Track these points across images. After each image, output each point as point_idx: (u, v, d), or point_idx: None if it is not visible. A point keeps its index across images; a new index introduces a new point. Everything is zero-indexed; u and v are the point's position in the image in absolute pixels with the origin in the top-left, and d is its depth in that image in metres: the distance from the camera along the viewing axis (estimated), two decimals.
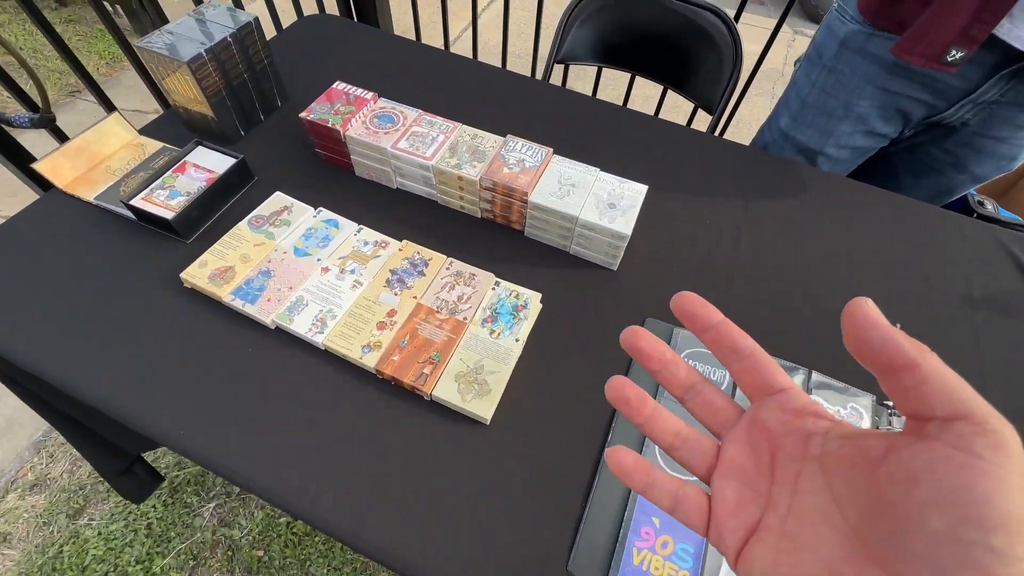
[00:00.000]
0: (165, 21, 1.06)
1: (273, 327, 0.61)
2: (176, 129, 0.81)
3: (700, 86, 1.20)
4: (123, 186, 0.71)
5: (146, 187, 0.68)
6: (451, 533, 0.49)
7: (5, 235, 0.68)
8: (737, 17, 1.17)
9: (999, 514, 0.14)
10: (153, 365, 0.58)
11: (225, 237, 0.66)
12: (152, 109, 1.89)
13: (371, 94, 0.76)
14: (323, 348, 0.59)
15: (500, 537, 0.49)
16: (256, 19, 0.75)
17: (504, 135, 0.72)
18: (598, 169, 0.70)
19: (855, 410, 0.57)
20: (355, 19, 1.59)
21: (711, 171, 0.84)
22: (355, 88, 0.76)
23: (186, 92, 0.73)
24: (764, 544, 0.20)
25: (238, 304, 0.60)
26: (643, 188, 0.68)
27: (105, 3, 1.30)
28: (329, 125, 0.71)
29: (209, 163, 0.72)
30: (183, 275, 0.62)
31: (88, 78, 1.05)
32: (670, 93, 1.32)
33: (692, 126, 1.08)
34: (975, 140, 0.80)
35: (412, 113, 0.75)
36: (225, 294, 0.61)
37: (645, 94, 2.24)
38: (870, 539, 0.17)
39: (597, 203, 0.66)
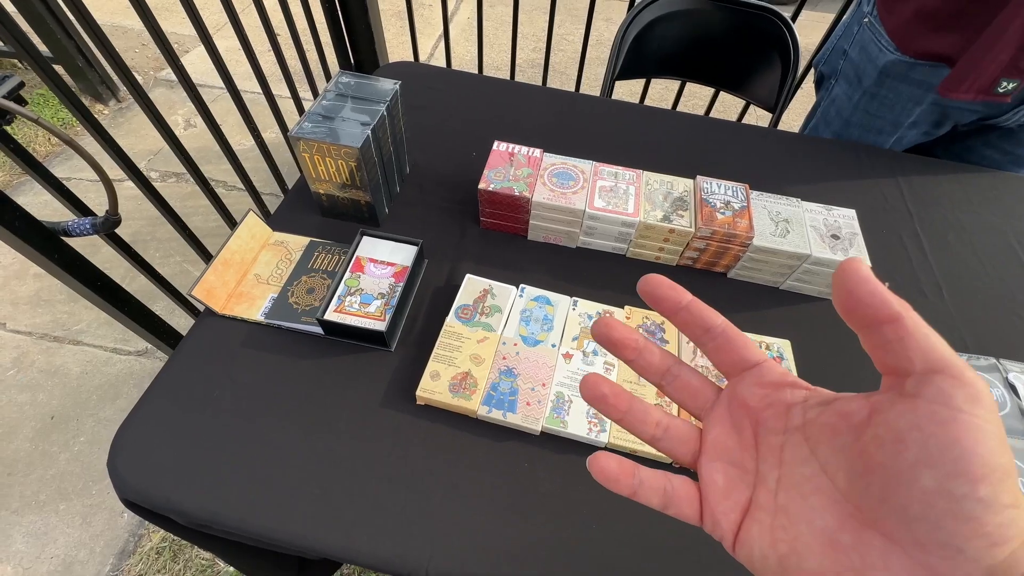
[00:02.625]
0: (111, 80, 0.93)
1: (539, 433, 0.54)
2: (302, 215, 0.71)
3: (758, 86, 1.21)
4: (291, 297, 0.61)
5: (331, 297, 0.59)
6: None
7: (168, 379, 0.56)
8: (794, 18, 1.19)
9: (982, 464, 0.15)
10: (398, 505, 0.50)
11: (442, 338, 0.58)
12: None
13: (538, 151, 0.70)
14: (607, 448, 0.53)
15: None
16: (400, 84, 0.67)
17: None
18: (798, 199, 0.68)
19: None
20: (349, 49, 1.50)
21: (840, 174, 0.84)
22: (519, 147, 0.70)
23: (339, 177, 0.64)
24: (760, 523, 0.20)
25: (496, 416, 0.53)
26: (852, 212, 0.66)
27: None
28: (516, 194, 0.64)
29: (382, 254, 0.64)
30: (419, 393, 0.54)
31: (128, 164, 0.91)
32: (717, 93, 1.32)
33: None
34: None
35: (586, 166, 0.69)
36: (477, 407, 0.54)
37: (689, 92, 2.25)
38: (862, 503, 0.18)
39: (820, 236, 0.64)
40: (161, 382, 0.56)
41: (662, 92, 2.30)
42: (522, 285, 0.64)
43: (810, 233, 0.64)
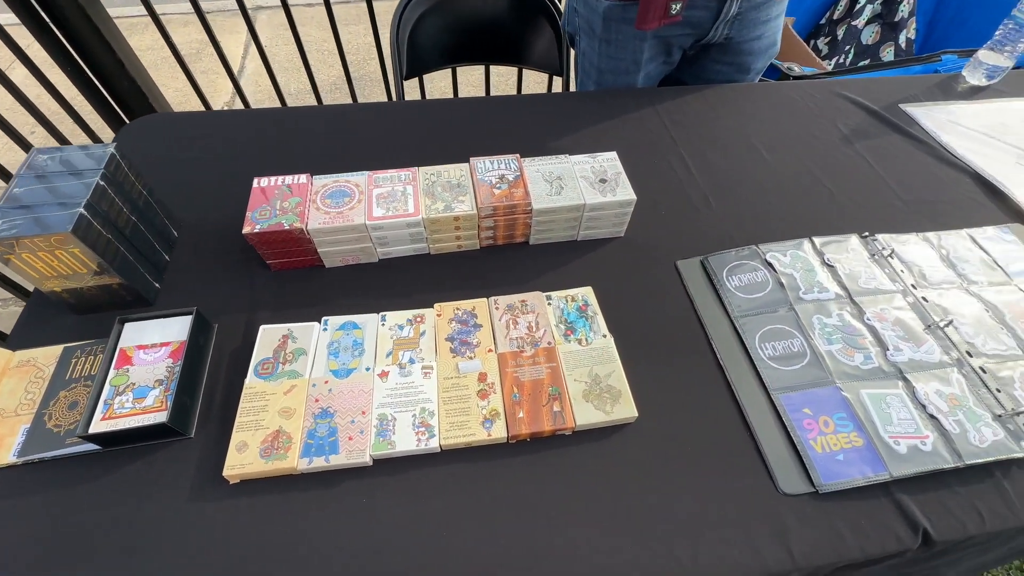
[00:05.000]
0: None
1: (371, 462, 0.52)
2: (50, 320, 0.61)
3: (542, 55, 1.28)
4: (49, 421, 0.52)
5: (95, 405, 0.51)
6: (696, 520, 0.49)
7: None
8: None
9: None
10: None
11: (243, 403, 0.53)
12: None
13: (303, 176, 0.66)
14: (440, 450, 0.52)
15: (721, 495, 0.51)
16: (117, 146, 0.59)
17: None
18: (567, 155, 0.72)
19: (855, 251, 0.70)
20: (119, 111, 1.34)
21: (617, 120, 0.91)
22: (282, 178, 0.65)
23: (68, 268, 0.55)
24: None
25: (320, 464, 0.50)
26: (613, 154, 0.72)
27: None
28: (286, 228, 0.60)
29: (151, 337, 0.56)
30: (227, 472, 0.49)
31: None
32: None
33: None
34: (742, 46, 0.97)
35: (360, 178, 0.67)
36: (296, 462, 0.50)
37: (471, 81, 2.29)
38: None
39: (590, 184, 0.68)
40: None
41: (478, 78, 2.35)
42: (324, 318, 0.61)
43: (581, 184, 0.68)
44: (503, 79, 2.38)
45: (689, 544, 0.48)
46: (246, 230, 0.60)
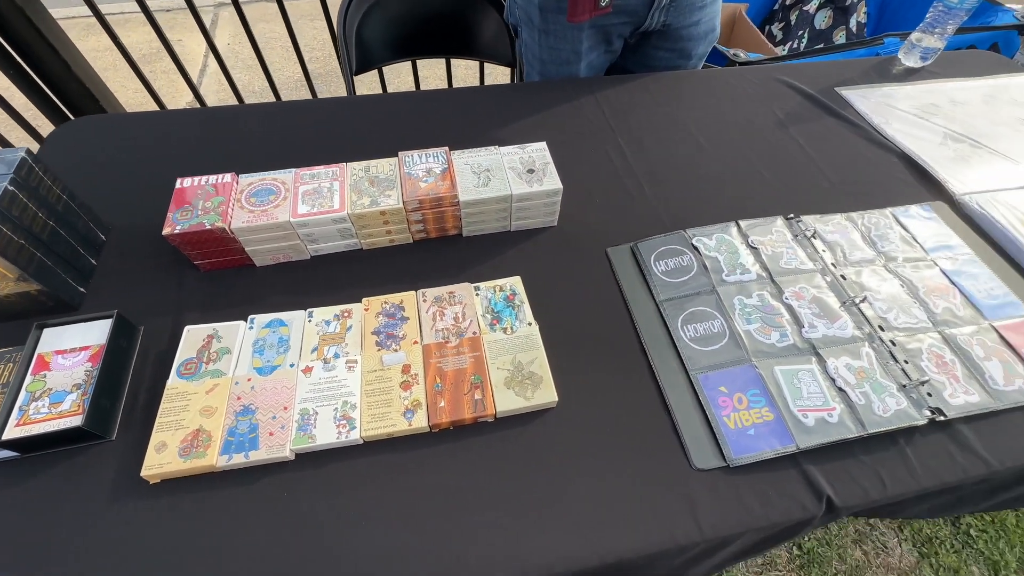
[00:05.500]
0: None
1: (293, 456, 0.52)
2: None
3: (493, 46, 1.28)
4: None
5: (10, 411, 0.51)
6: (612, 500, 0.51)
7: None
8: None
9: None
10: None
11: (164, 404, 0.53)
12: None
13: (229, 175, 0.66)
14: (362, 442, 0.53)
15: (637, 474, 0.52)
16: (28, 151, 0.58)
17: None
18: (497, 147, 0.72)
19: (779, 232, 0.72)
20: (69, 115, 1.32)
21: (556, 111, 0.92)
22: (206, 177, 0.65)
23: None
24: None
25: (239, 460, 0.51)
26: (543, 144, 0.73)
27: None
28: (208, 227, 0.60)
29: (73, 342, 0.56)
30: (145, 473, 0.49)
31: None
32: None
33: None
34: (681, 32, 0.98)
35: (287, 175, 0.67)
36: (216, 459, 0.50)
37: (437, 74, 2.28)
38: None
39: (518, 175, 0.69)
40: None
41: (441, 72, 2.34)
42: (251, 316, 0.61)
43: (509, 175, 0.69)
44: (470, 71, 2.37)
45: (603, 522, 0.50)
46: (166, 231, 0.60)
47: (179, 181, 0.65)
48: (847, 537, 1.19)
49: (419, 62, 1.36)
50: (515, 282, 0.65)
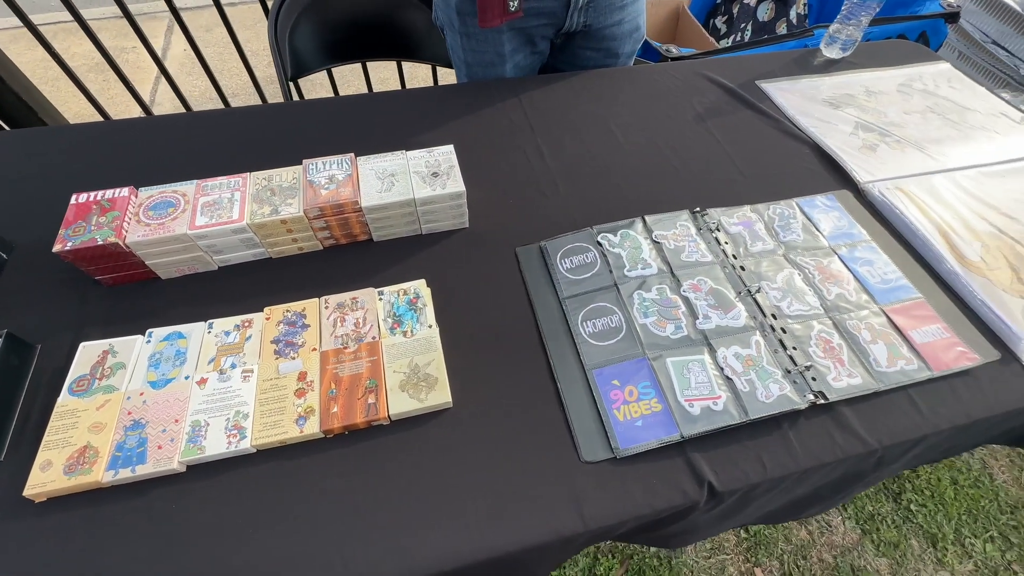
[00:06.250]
0: None
1: (184, 469, 0.53)
2: None
3: (434, 48, 1.28)
4: None
5: None
6: (501, 496, 0.52)
7: None
8: None
9: None
10: None
11: (53, 422, 0.53)
12: None
13: (126, 189, 0.66)
14: (255, 451, 0.54)
15: (527, 470, 0.53)
16: None
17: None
18: (403, 151, 0.73)
19: (683, 226, 0.74)
20: (6, 126, 1.31)
21: (479, 113, 0.93)
22: (102, 192, 0.65)
23: None
24: None
25: (126, 475, 0.51)
26: (450, 147, 0.73)
27: None
28: (100, 243, 0.60)
29: None
30: (28, 492, 0.49)
31: None
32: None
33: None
34: (604, 32, 0.98)
35: (188, 187, 0.67)
36: (101, 475, 0.50)
37: (394, 77, 2.27)
38: None
39: (422, 179, 0.69)
40: None
41: (393, 75, 2.34)
42: (149, 330, 0.61)
43: (413, 179, 0.69)
44: (423, 71, 2.36)
45: (490, 518, 0.51)
46: (56, 248, 0.60)
47: (74, 197, 0.65)
48: None
49: (374, 65, 1.35)
50: (419, 285, 0.66)
